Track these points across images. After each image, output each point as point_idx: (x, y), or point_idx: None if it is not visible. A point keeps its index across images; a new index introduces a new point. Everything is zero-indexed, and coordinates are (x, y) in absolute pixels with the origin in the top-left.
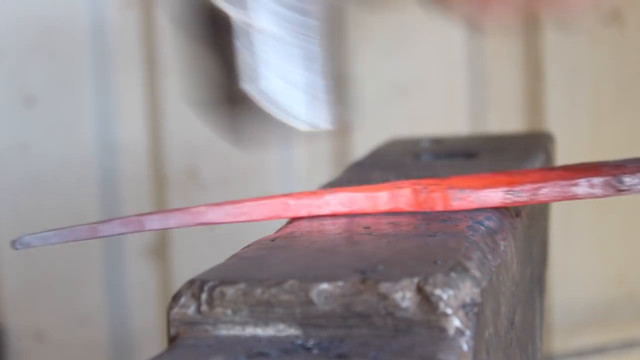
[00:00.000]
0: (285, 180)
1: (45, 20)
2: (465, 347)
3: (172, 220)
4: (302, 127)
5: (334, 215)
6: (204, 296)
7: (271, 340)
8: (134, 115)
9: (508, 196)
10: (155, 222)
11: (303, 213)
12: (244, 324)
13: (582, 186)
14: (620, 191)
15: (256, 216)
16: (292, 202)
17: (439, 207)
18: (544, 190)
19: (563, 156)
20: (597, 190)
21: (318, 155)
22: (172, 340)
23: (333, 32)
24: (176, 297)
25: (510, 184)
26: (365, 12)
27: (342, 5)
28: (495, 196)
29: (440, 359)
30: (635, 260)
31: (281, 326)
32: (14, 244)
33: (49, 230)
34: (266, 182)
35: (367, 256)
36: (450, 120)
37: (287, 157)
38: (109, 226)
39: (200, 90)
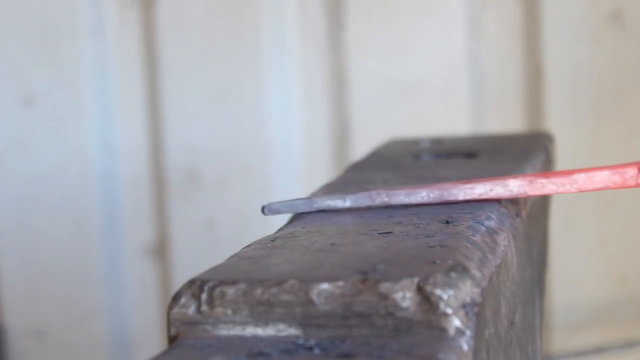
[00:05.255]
0: (285, 180)
1: (45, 20)
2: (465, 347)
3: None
4: None
5: None
6: (204, 296)
7: (271, 340)
8: (134, 116)
9: None
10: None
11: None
12: (244, 324)
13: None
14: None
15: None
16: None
17: None
18: None
19: (563, 156)
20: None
21: (318, 155)
22: (172, 340)
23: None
24: (176, 297)
25: None
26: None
27: None
28: None
29: (441, 359)
30: (635, 260)
31: (281, 326)
32: (263, 209)
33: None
34: (266, 182)
35: (367, 256)
36: (450, 120)
37: (287, 157)
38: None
39: None
